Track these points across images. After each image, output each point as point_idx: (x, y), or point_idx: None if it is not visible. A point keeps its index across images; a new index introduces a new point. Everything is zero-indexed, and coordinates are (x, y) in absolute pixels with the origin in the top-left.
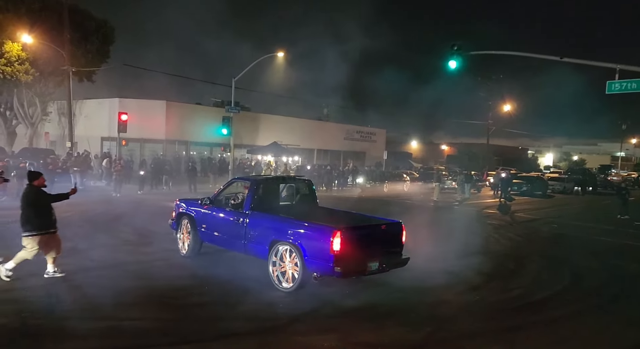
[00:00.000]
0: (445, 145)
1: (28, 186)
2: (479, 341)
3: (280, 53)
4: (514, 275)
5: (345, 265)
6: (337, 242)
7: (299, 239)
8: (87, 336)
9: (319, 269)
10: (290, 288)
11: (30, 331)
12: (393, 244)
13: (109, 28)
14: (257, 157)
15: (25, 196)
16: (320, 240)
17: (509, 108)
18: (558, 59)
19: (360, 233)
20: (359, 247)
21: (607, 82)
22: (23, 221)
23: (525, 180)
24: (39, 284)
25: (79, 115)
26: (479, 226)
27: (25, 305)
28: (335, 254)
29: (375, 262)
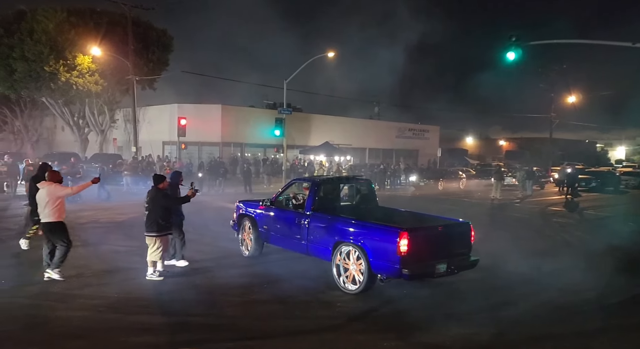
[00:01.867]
0: (504, 140)
1: (154, 189)
2: (548, 345)
3: (330, 53)
4: (586, 276)
5: (413, 267)
6: (403, 244)
7: (364, 240)
8: (157, 331)
9: (385, 271)
10: (355, 290)
11: (105, 325)
12: (461, 245)
13: (169, 37)
14: (310, 157)
15: (152, 198)
16: (386, 241)
17: (573, 99)
18: (630, 45)
19: (427, 234)
20: (427, 249)
21: None
22: (150, 222)
23: (594, 175)
24: (114, 281)
25: (143, 121)
26: (545, 224)
27: (101, 300)
28: (402, 256)
29: (443, 264)
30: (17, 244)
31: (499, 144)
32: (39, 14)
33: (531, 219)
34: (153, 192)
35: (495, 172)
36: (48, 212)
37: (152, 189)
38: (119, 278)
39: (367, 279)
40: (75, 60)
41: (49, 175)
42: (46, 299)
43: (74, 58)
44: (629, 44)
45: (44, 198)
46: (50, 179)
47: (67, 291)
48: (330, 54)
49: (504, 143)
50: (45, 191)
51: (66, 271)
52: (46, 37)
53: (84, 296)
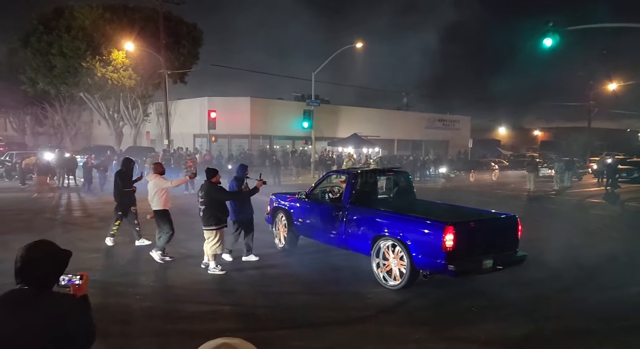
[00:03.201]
0: (538, 130)
1: (207, 182)
2: (588, 341)
3: (358, 44)
4: (627, 271)
5: (459, 263)
6: (449, 239)
7: (406, 234)
8: (191, 318)
9: (429, 267)
10: (396, 285)
11: (141, 313)
12: (508, 240)
13: (199, 31)
14: (338, 149)
15: (207, 193)
16: (430, 236)
17: (614, 87)
18: None
19: (473, 228)
20: (472, 244)
21: None
22: (207, 216)
23: (636, 166)
24: (150, 269)
25: (174, 114)
26: (584, 217)
27: (138, 289)
28: (447, 251)
29: (489, 259)
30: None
31: (533, 134)
32: (76, 11)
33: (569, 212)
34: (207, 186)
35: (528, 163)
36: (156, 201)
37: (206, 183)
38: (155, 267)
39: (409, 274)
40: (110, 55)
41: (153, 167)
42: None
43: (109, 53)
44: None
45: (152, 189)
46: (155, 172)
47: (107, 278)
48: (359, 45)
49: (539, 133)
50: (152, 183)
51: (105, 260)
52: (83, 33)
53: (122, 284)
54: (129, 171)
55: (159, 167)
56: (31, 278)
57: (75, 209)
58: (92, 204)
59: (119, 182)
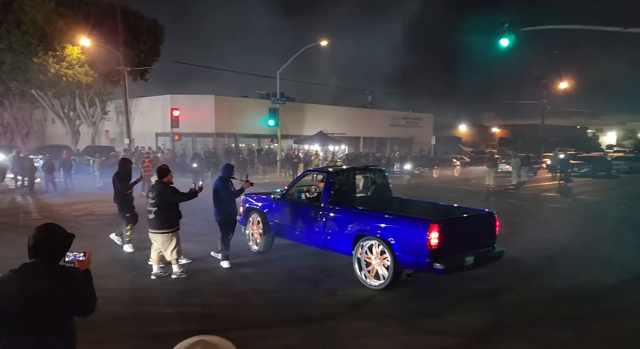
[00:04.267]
0: (497, 127)
1: (159, 183)
2: (550, 327)
3: (323, 42)
4: (581, 260)
5: (443, 261)
6: (434, 237)
7: (389, 233)
8: (160, 321)
9: (413, 266)
10: (379, 285)
11: (107, 317)
12: (487, 236)
13: (159, 27)
14: (304, 147)
15: (160, 194)
16: (414, 234)
17: (565, 86)
18: (621, 29)
19: (456, 226)
20: (456, 241)
21: None
22: (161, 219)
23: (586, 160)
24: (114, 272)
25: (135, 112)
26: (540, 210)
27: (101, 292)
28: (432, 249)
29: (471, 256)
30: None
31: (492, 131)
32: (26, 4)
33: (526, 205)
34: (160, 187)
35: (488, 159)
36: None
37: (158, 184)
38: (118, 270)
39: (392, 274)
40: (64, 51)
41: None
42: None
43: (63, 49)
44: (620, 29)
45: None
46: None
47: None
48: (323, 43)
49: (497, 130)
50: None
51: None
52: (34, 27)
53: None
54: (127, 173)
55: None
56: (42, 254)
57: (30, 211)
58: (46, 206)
59: (117, 185)
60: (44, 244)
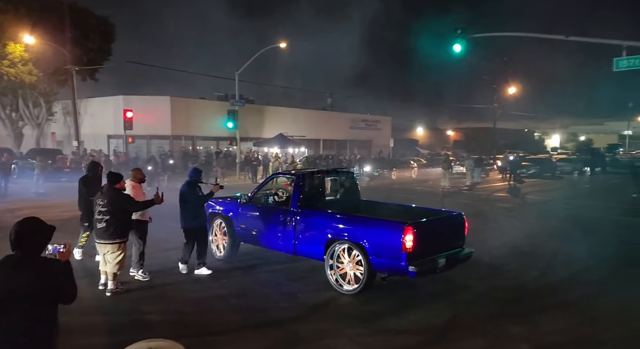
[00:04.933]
0: (451, 130)
1: (112, 189)
2: (503, 322)
3: (282, 43)
4: (530, 257)
5: (418, 263)
6: (409, 239)
7: (363, 237)
8: (114, 331)
9: (388, 269)
10: (353, 290)
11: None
12: (457, 237)
13: (110, 25)
14: (264, 149)
15: (112, 201)
16: (389, 237)
17: (514, 91)
18: (564, 38)
19: (429, 227)
20: (429, 243)
21: (615, 60)
22: (113, 228)
23: (533, 162)
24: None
25: (84, 114)
26: (492, 210)
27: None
28: (407, 252)
29: (443, 258)
30: None
31: (447, 134)
32: None
33: (479, 205)
34: (113, 193)
35: (443, 161)
36: None
37: (111, 190)
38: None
39: (366, 278)
40: (5, 48)
41: (132, 174)
42: None
43: (4, 46)
44: (562, 37)
45: None
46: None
47: None
48: (282, 45)
49: (452, 133)
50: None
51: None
52: None
53: None
54: (96, 177)
55: (139, 174)
56: (23, 246)
57: None
58: None
59: (83, 189)
60: (25, 237)
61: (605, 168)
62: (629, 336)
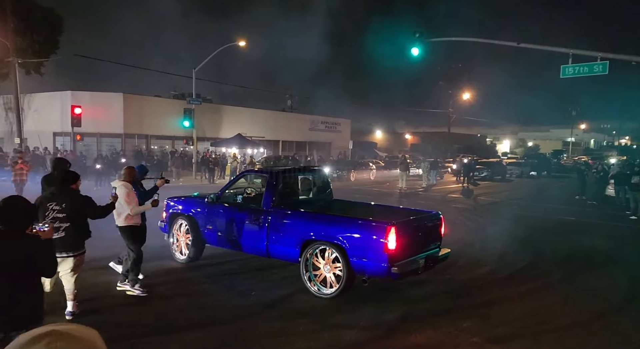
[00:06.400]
0: (409, 134)
1: (68, 190)
2: (454, 316)
3: (241, 42)
4: (480, 254)
5: (400, 265)
6: (392, 240)
7: (342, 237)
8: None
9: (369, 271)
10: (331, 293)
11: None
12: (434, 237)
13: (57, 17)
14: (222, 149)
15: (75, 204)
16: (370, 238)
17: (468, 96)
18: (515, 44)
19: (410, 227)
20: (409, 244)
21: (562, 67)
22: (77, 237)
23: (486, 166)
24: None
25: (28, 109)
26: (446, 210)
27: None
28: (389, 254)
29: (422, 259)
30: None
31: (404, 137)
32: None
33: (434, 206)
34: (72, 196)
35: (400, 163)
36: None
37: (68, 192)
38: None
39: (345, 280)
40: None
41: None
42: None
43: None
44: (514, 43)
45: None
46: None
47: None
48: (241, 43)
49: (409, 137)
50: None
51: None
52: None
53: None
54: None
55: (133, 172)
56: (8, 222)
57: None
58: None
59: (46, 188)
60: (7, 212)
61: (550, 172)
62: (570, 326)
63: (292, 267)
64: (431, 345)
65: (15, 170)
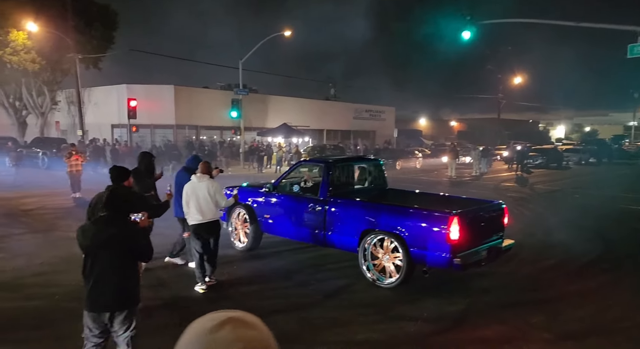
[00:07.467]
0: (455, 121)
1: (120, 187)
2: (521, 311)
3: (287, 32)
4: (543, 246)
5: (463, 256)
6: (455, 230)
7: (403, 227)
8: None
9: (430, 262)
10: (391, 283)
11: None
12: (497, 228)
13: (112, 13)
14: (268, 139)
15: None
16: (432, 228)
17: (519, 81)
18: (574, 24)
19: (473, 217)
20: (471, 234)
21: (629, 46)
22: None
23: (540, 152)
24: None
25: (88, 103)
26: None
27: (58, 289)
28: (452, 244)
29: (485, 250)
30: None
31: (450, 124)
32: None
33: (489, 195)
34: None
35: (450, 151)
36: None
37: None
38: (75, 266)
39: (405, 270)
40: (7, 36)
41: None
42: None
43: (7, 34)
44: (573, 23)
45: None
46: (203, 172)
47: (18, 280)
48: (287, 33)
49: (455, 124)
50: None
51: (13, 260)
52: None
53: (38, 285)
54: (149, 170)
55: (208, 166)
56: (113, 208)
57: None
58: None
59: (135, 187)
60: (115, 201)
61: (612, 159)
62: None
63: (348, 256)
64: (500, 340)
65: (71, 162)
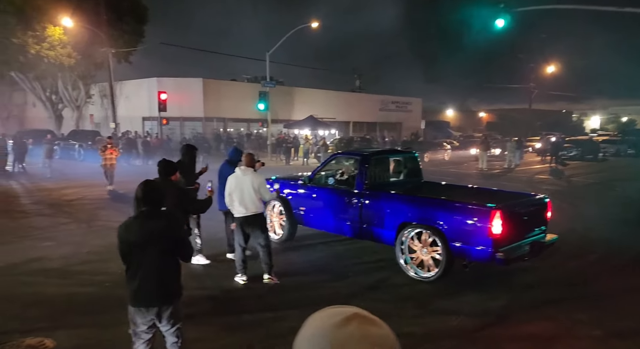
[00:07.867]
0: (483, 112)
1: (165, 181)
2: (567, 307)
3: (314, 23)
4: (585, 240)
5: (506, 250)
6: (497, 224)
7: (442, 221)
8: None
9: (472, 256)
10: (430, 276)
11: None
12: (540, 222)
13: (143, 7)
14: (294, 131)
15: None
16: (473, 222)
17: (552, 70)
18: (616, 9)
19: (515, 211)
20: (514, 228)
21: None
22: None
23: (575, 144)
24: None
25: (120, 96)
26: (537, 192)
27: (106, 276)
28: (494, 238)
29: (527, 245)
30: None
31: (478, 116)
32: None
33: (523, 188)
34: (173, 188)
35: (481, 142)
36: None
37: (169, 184)
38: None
39: (445, 264)
40: (45, 31)
41: (245, 160)
42: (46, 276)
43: (44, 29)
44: (615, 9)
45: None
46: (248, 165)
47: (67, 267)
48: (314, 24)
49: (484, 115)
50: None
51: (61, 248)
52: (13, 7)
53: (86, 273)
54: (193, 163)
55: (252, 157)
56: (151, 203)
57: (18, 196)
58: (32, 191)
59: (181, 181)
60: (152, 194)
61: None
62: None
63: (383, 249)
64: (547, 336)
65: (105, 155)
